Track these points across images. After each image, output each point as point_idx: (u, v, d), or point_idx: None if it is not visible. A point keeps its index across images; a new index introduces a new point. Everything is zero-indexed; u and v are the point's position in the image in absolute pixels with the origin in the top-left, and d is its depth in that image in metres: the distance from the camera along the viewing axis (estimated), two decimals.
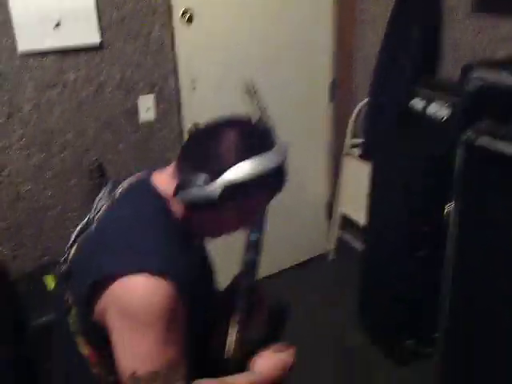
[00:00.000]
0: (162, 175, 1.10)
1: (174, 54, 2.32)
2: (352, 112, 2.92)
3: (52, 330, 1.22)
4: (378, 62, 2.49)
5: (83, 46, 2.09)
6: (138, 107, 2.30)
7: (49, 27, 2.00)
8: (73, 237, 1.14)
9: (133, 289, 0.94)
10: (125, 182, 1.13)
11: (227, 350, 1.19)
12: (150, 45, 2.25)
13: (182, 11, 2.27)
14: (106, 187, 1.16)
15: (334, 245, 3.16)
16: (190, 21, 2.29)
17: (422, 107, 2.28)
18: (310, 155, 2.95)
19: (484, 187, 1.66)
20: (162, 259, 0.97)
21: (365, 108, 2.76)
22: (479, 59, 2.15)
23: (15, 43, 1.96)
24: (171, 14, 2.25)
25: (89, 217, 1.13)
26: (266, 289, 1.30)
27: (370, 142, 2.63)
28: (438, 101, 2.22)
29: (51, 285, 2.04)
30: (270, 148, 1.01)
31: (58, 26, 2.00)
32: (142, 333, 0.94)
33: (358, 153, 2.82)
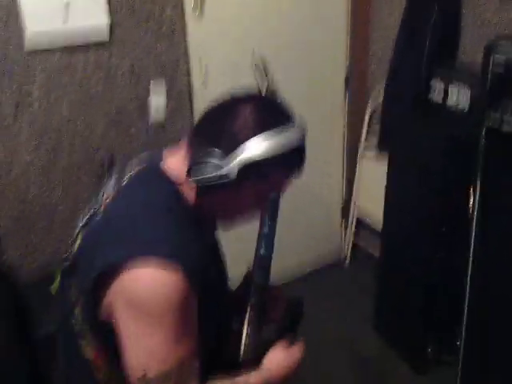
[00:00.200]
0: (173, 158, 1.03)
1: (185, 39, 2.28)
2: (366, 111, 2.85)
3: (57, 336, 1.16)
4: (395, 48, 2.41)
5: (92, 28, 2.05)
6: (149, 92, 2.26)
7: (57, 9, 1.96)
8: (77, 229, 1.08)
9: (141, 278, 0.87)
10: (133, 168, 1.06)
11: (242, 352, 1.13)
12: (162, 28, 2.22)
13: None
14: (113, 175, 1.10)
15: (349, 251, 3.10)
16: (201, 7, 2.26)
17: (443, 89, 2.18)
18: (325, 160, 2.87)
19: (508, 171, 1.58)
20: (173, 246, 0.90)
21: (379, 108, 2.69)
22: (503, 36, 2.02)
23: (24, 29, 1.92)
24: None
25: (94, 208, 1.06)
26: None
27: (387, 130, 2.55)
28: (458, 83, 2.12)
29: (56, 285, 1.98)
30: (288, 123, 0.95)
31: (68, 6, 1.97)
32: (152, 326, 0.88)
33: (374, 153, 2.75)
